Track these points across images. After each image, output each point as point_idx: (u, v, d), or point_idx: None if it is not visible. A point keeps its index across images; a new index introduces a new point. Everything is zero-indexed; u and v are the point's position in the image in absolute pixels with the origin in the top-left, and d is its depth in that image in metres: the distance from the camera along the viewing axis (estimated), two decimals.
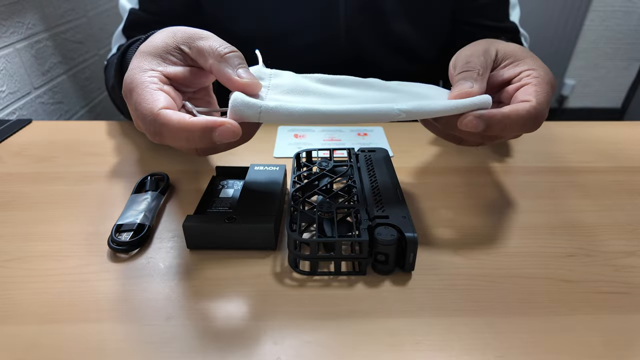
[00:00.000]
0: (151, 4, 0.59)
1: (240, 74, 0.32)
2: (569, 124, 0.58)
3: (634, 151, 0.52)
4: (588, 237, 0.37)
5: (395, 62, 0.64)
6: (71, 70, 0.86)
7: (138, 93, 0.31)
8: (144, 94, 0.31)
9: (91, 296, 0.30)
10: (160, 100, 0.30)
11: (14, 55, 0.69)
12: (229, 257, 0.34)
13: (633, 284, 0.32)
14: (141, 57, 0.33)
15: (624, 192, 0.44)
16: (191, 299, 0.30)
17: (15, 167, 0.47)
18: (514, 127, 0.32)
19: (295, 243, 0.32)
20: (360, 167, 0.41)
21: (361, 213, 0.34)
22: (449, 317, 0.29)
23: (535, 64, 0.36)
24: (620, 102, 2.27)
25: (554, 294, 0.31)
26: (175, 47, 0.34)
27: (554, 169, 0.48)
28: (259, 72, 0.34)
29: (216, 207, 0.37)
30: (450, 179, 0.45)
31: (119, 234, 0.35)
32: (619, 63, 2.14)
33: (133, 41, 0.45)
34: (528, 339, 0.28)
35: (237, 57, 0.32)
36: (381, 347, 0.27)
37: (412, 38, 0.62)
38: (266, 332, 0.28)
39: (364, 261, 0.32)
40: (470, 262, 0.34)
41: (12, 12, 0.69)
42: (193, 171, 0.46)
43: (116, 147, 0.51)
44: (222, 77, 0.32)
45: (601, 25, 2.03)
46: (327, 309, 0.30)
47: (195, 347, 0.27)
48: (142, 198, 0.39)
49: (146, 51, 0.33)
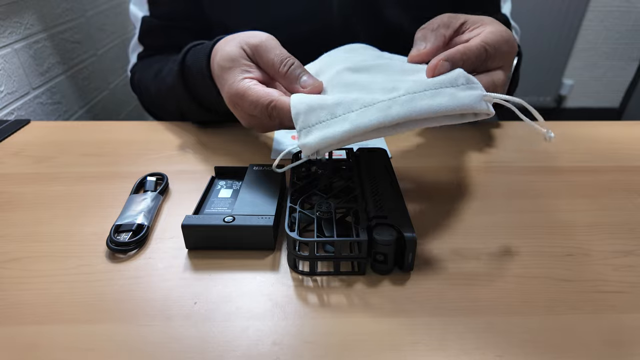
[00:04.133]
0: (160, 9, 0.61)
1: (303, 83, 0.37)
2: (568, 124, 0.58)
3: (632, 151, 0.52)
4: (586, 237, 0.37)
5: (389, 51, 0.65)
6: (70, 70, 0.86)
7: (250, 94, 0.37)
8: (257, 92, 0.37)
9: (90, 297, 0.30)
10: (273, 92, 0.37)
11: (12, 55, 0.69)
12: (227, 257, 0.34)
13: (632, 283, 0.32)
14: (227, 71, 0.40)
15: (622, 192, 0.44)
16: (190, 299, 0.30)
17: (14, 167, 0.47)
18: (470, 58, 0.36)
19: (294, 243, 0.32)
20: (359, 167, 0.41)
21: (360, 213, 0.34)
22: (448, 316, 0.29)
23: (495, 26, 0.39)
24: (618, 101, 2.27)
25: (552, 294, 0.31)
26: (247, 57, 0.40)
27: (553, 169, 0.48)
28: None
29: (215, 207, 0.37)
30: (449, 178, 0.46)
31: (118, 234, 0.35)
32: (617, 63, 2.15)
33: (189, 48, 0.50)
34: (527, 338, 0.28)
35: (296, 68, 0.38)
36: (380, 347, 0.27)
37: (406, 26, 0.63)
38: (266, 332, 0.28)
39: (363, 261, 0.32)
40: (469, 262, 0.34)
41: (10, 12, 0.69)
42: (192, 171, 0.46)
43: (115, 148, 0.51)
44: (292, 90, 0.38)
45: (599, 25, 2.03)
46: (327, 309, 0.30)
47: (194, 347, 0.27)
48: (141, 198, 0.39)
49: (227, 66, 0.40)
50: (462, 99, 0.31)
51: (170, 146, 0.52)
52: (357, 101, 0.33)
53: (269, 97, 0.36)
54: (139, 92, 0.64)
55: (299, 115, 0.33)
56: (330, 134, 0.32)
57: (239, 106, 0.40)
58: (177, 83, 0.50)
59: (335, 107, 0.33)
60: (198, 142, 0.52)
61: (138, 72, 0.63)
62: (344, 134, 0.31)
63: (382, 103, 0.32)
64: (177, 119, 0.58)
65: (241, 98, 0.38)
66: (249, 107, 0.38)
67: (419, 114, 0.31)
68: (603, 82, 2.20)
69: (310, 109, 0.33)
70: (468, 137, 0.54)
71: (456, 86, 0.32)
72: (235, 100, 0.39)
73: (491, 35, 0.38)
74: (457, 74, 0.33)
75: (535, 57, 2.04)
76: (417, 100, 0.31)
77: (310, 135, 0.32)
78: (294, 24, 0.60)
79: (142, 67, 0.62)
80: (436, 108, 0.31)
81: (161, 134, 0.54)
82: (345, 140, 0.32)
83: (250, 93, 0.37)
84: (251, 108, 0.38)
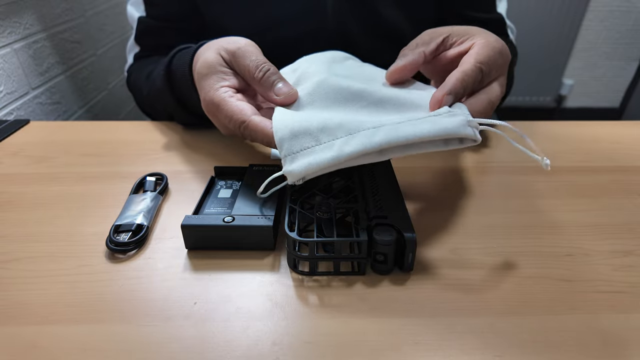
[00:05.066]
0: (156, 9, 0.61)
1: (277, 91, 0.37)
2: (567, 124, 0.58)
3: (632, 150, 0.52)
4: (586, 237, 0.37)
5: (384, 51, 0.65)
6: (69, 70, 0.86)
7: (225, 108, 0.37)
8: (231, 107, 0.37)
9: (90, 297, 0.30)
10: (246, 110, 0.37)
11: (11, 55, 0.69)
12: (227, 257, 0.34)
13: (631, 283, 0.32)
14: (205, 78, 0.40)
15: (622, 192, 0.44)
16: (190, 299, 0.30)
17: (14, 167, 0.47)
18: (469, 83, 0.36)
19: (294, 243, 0.32)
20: (360, 167, 0.41)
21: (360, 213, 0.34)
22: (448, 316, 0.29)
23: (485, 37, 0.39)
24: (618, 101, 2.27)
25: (552, 294, 0.31)
26: (225, 64, 0.40)
27: (553, 169, 0.48)
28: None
29: (215, 207, 0.37)
30: (448, 178, 0.46)
31: (118, 234, 0.35)
32: (617, 63, 2.15)
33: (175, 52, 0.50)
34: (527, 338, 0.28)
35: (271, 75, 0.38)
36: (380, 347, 0.27)
37: (400, 26, 0.63)
38: (265, 332, 0.28)
39: (362, 261, 0.32)
40: (469, 262, 0.34)
41: (9, 12, 0.69)
42: (192, 171, 0.46)
43: (114, 148, 0.51)
44: (267, 98, 0.38)
45: (599, 25, 2.03)
46: (327, 309, 0.30)
47: (194, 347, 0.27)
48: (140, 198, 0.39)
49: (204, 72, 0.40)
50: (445, 124, 0.32)
51: (170, 146, 0.52)
52: (341, 127, 0.33)
53: (242, 117, 0.36)
54: (134, 92, 0.64)
55: (283, 141, 0.33)
56: (316, 161, 0.32)
57: (215, 116, 0.40)
58: (163, 86, 0.50)
59: (320, 134, 0.33)
60: (198, 142, 0.52)
61: (134, 73, 0.63)
62: (329, 161, 0.31)
63: (366, 131, 0.32)
64: (167, 120, 0.58)
65: (216, 108, 0.38)
66: (223, 119, 0.38)
67: (403, 140, 0.31)
68: (603, 82, 2.20)
69: (294, 135, 0.33)
70: None
71: (438, 115, 0.33)
72: (211, 109, 0.40)
73: (483, 51, 0.37)
74: None
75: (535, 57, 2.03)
76: (400, 128, 0.32)
77: (295, 162, 0.32)
78: (288, 24, 0.60)
79: (138, 67, 0.63)
80: (418, 134, 0.31)
81: (161, 134, 0.54)
82: (330, 167, 0.32)
83: (225, 107, 0.37)
84: (226, 121, 0.38)
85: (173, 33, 0.62)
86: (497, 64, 0.38)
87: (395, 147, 0.32)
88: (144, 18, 0.61)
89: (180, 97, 0.50)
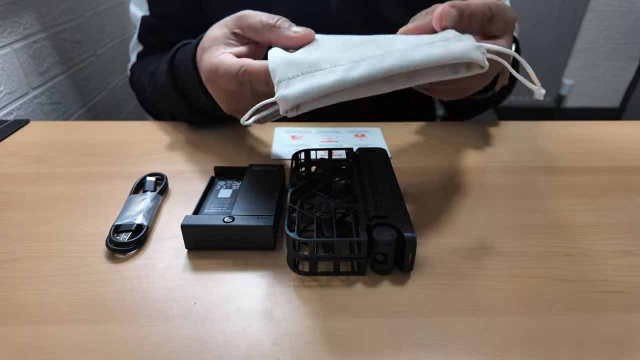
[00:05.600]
0: (159, 8, 0.62)
1: (294, 30, 0.36)
2: (567, 124, 0.58)
3: (632, 150, 0.52)
4: (586, 237, 0.37)
5: None
6: (69, 70, 0.86)
7: (223, 65, 0.37)
8: (229, 62, 0.37)
9: (89, 297, 0.30)
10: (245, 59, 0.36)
11: (11, 55, 0.69)
12: (227, 257, 0.34)
13: (632, 283, 0.32)
14: (208, 50, 0.40)
15: (621, 192, 0.44)
16: (190, 299, 0.30)
17: (13, 167, 0.47)
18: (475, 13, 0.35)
19: (294, 243, 0.32)
20: (359, 167, 0.41)
21: (360, 213, 0.34)
22: (448, 316, 0.29)
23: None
24: (618, 101, 2.27)
25: (552, 294, 0.31)
26: (231, 33, 0.40)
27: (552, 169, 0.48)
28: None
29: (215, 207, 0.37)
30: (448, 178, 0.45)
31: (118, 234, 0.35)
32: (617, 63, 2.15)
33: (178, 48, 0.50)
34: (527, 338, 0.28)
35: (284, 20, 0.38)
36: (380, 347, 0.27)
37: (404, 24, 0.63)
38: (265, 332, 0.28)
39: (362, 261, 0.32)
40: (469, 262, 0.34)
41: (9, 12, 0.69)
42: (192, 171, 0.46)
43: (114, 148, 0.51)
44: (283, 40, 0.36)
45: (599, 25, 2.03)
46: (326, 309, 0.30)
47: (194, 347, 0.27)
48: (140, 198, 0.39)
49: (210, 45, 0.40)
50: (456, 47, 0.31)
51: (170, 146, 0.52)
52: (345, 57, 0.30)
53: (240, 63, 0.36)
54: (137, 91, 0.64)
55: (278, 67, 0.30)
56: (316, 84, 0.28)
57: (215, 83, 0.39)
58: (166, 82, 0.50)
59: (320, 62, 0.30)
60: (198, 142, 0.52)
61: (137, 72, 0.63)
62: (331, 86, 0.28)
63: (373, 58, 0.30)
64: (170, 120, 0.58)
65: (215, 72, 0.38)
66: (222, 79, 0.37)
67: (413, 65, 0.30)
68: (603, 82, 2.20)
69: (290, 63, 0.30)
70: (468, 136, 0.54)
71: (447, 40, 0.32)
72: (211, 76, 0.39)
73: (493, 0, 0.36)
74: (447, 32, 0.34)
75: (535, 57, 2.04)
76: (410, 52, 0.30)
77: (290, 86, 0.29)
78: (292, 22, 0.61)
79: (141, 66, 0.63)
80: (429, 58, 0.30)
81: (161, 134, 0.54)
82: (331, 93, 0.29)
83: (223, 65, 0.37)
84: (224, 81, 0.37)
85: (176, 31, 0.62)
86: (504, 15, 0.37)
87: (403, 75, 0.30)
88: (147, 17, 0.62)
89: (184, 93, 0.50)
